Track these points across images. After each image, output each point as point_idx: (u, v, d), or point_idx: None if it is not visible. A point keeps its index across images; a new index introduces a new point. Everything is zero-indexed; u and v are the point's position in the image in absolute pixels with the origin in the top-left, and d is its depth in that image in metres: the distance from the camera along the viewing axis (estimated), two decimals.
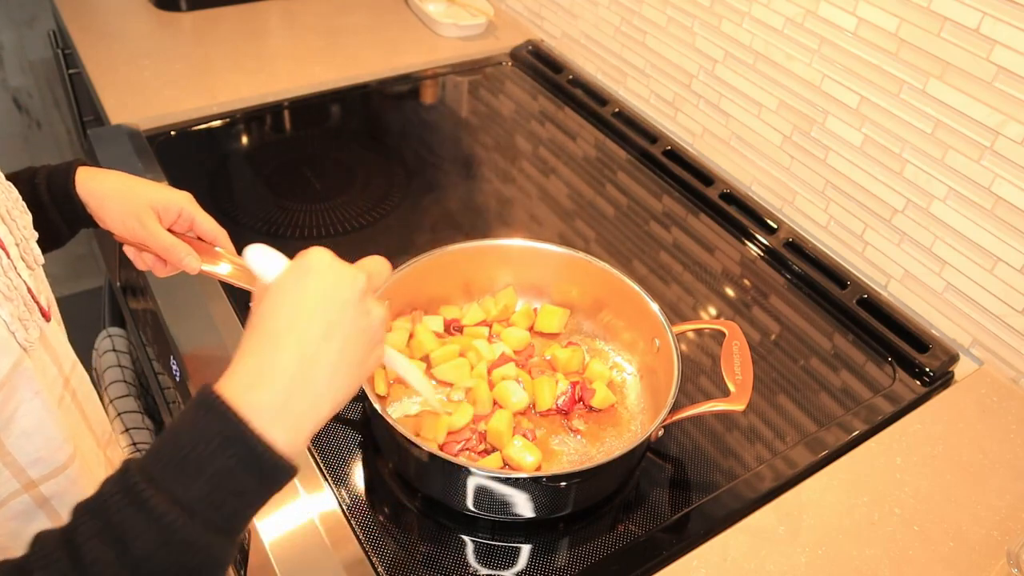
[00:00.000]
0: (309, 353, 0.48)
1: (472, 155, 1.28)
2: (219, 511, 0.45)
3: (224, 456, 0.45)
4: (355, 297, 0.51)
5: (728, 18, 1.16)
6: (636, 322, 0.85)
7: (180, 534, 0.43)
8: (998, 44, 0.85)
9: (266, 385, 0.47)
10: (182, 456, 0.45)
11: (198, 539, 0.44)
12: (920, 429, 0.88)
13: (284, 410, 0.47)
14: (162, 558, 0.43)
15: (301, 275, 0.51)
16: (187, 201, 0.76)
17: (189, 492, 0.44)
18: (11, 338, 0.56)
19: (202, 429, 0.45)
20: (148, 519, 0.43)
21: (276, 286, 0.51)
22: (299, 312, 0.49)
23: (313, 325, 0.49)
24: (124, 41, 1.41)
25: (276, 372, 0.48)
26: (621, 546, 0.75)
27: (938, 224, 0.97)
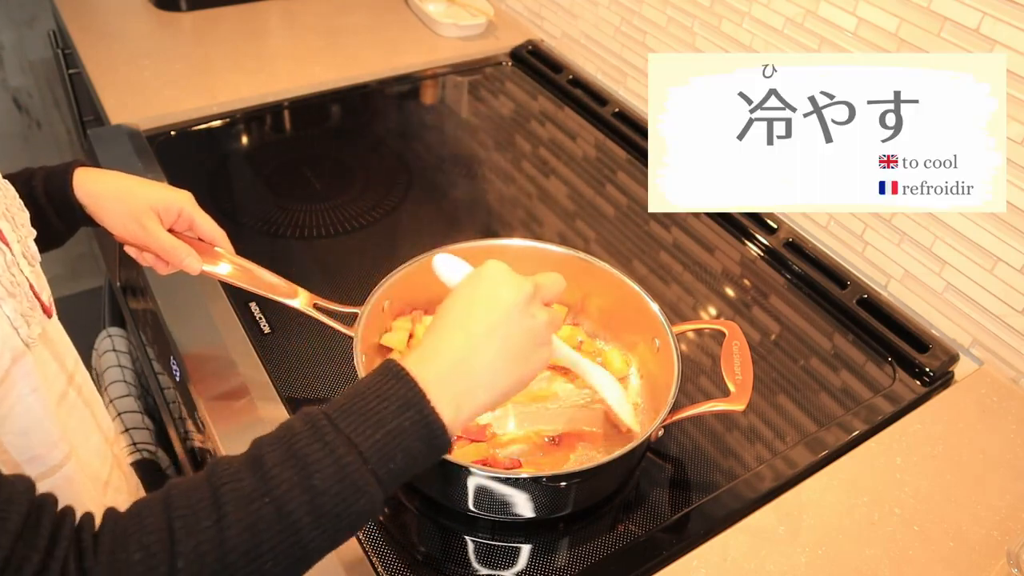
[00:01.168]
0: (472, 345, 0.55)
1: (472, 155, 1.28)
2: (387, 464, 0.50)
3: (402, 417, 0.50)
4: (520, 301, 0.57)
5: (728, 18, 1.16)
6: (636, 322, 0.85)
7: (354, 476, 0.48)
8: (998, 44, 0.85)
9: (435, 364, 0.54)
10: (367, 409, 0.50)
11: (367, 484, 0.49)
12: (920, 429, 0.88)
13: (449, 388, 0.53)
14: (335, 493, 0.48)
15: (475, 280, 0.59)
16: (187, 201, 0.76)
17: (367, 441, 0.49)
18: (14, 334, 0.56)
19: (387, 391, 0.51)
20: (331, 455, 0.48)
21: (456, 289, 0.59)
22: (469, 311, 0.56)
23: (478, 322, 0.56)
24: (124, 41, 1.41)
25: (445, 355, 0.54)
26: (621, 546, 0.75)
27: (938, 224, 0.97)
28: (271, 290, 0.79)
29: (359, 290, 0.88)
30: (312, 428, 0.49)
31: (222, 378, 0.86)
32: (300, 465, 0.48)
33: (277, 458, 0.48)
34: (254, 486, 0.47)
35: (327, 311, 0.80)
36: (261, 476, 0.47)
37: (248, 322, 0.92)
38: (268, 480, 0.47)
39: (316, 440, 0.49)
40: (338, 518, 0.48)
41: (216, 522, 0.46)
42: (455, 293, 0.59)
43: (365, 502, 0.49)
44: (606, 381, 0.77)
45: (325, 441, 0.49)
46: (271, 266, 0.80)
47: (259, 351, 0.89)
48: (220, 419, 0.82)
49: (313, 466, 0.48)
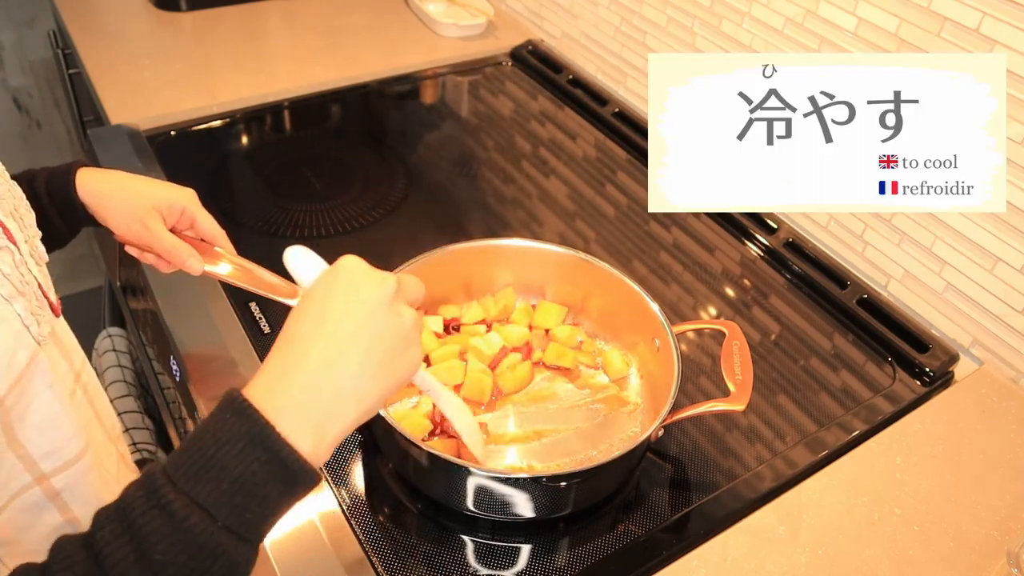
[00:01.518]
0: (334, 351, 0.48)
1: (472, 155, 1.28)
2: (241, 516, 0.44)
3: (249, 459, 0.44)
4: (385, 298, 0.51)
5: (728, 18, 1.16)
6: (636, 322, 0.85)
7: (201, 538, 0.43)
8: (998, 44, 0.85)
9: (290, 386, 0.47)
10: (207, 458, 0.44)
11: (219, 544, 0.44)
12: (920, 429, 0.88)
13: (307, 411, 0.47)
14: (183, 563, 0.43)
15: (330, 279, 0.52)
16: (189, 199, 0.76)
17: (212, 495, 0.44)
18: (26, 332, 0.56)
19: (227, 431, 0.45)
20: (170, 522, 0.43)
21: (307, 292, 0.52)
22: (326, 313, 0.50)
23: (339, 324, 0.49)
24: (124, 41, 1.41)
25: (300, 371, 0.47)
26: (621, 546, 0.75)
27: (938, 224, 0.97)
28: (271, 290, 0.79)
29: None
30: (147, 493, 0.44)
31: (222, 378, 0.86)
32: (136, 540, 0.43)
33: (111, 534, 0.43)
34: (88, 570, 0.42)
35: None
36: (95, 559, 0.43)
37: (248, 322, 0.92)
38: (103, 563, 0.42)
39: (152, 507, 0.43)
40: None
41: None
42: (310, 293, 0.52)
43: (223, 563, 0.44)
44: (456, 409, 0.72)
45: (161, 506, 0.43)
46: (271, 266, 0.80)
47: (259, 351, 0.89)
48: None
49: (151, 538, 0.42)
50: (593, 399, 0.84)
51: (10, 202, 0.61)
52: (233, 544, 0.44)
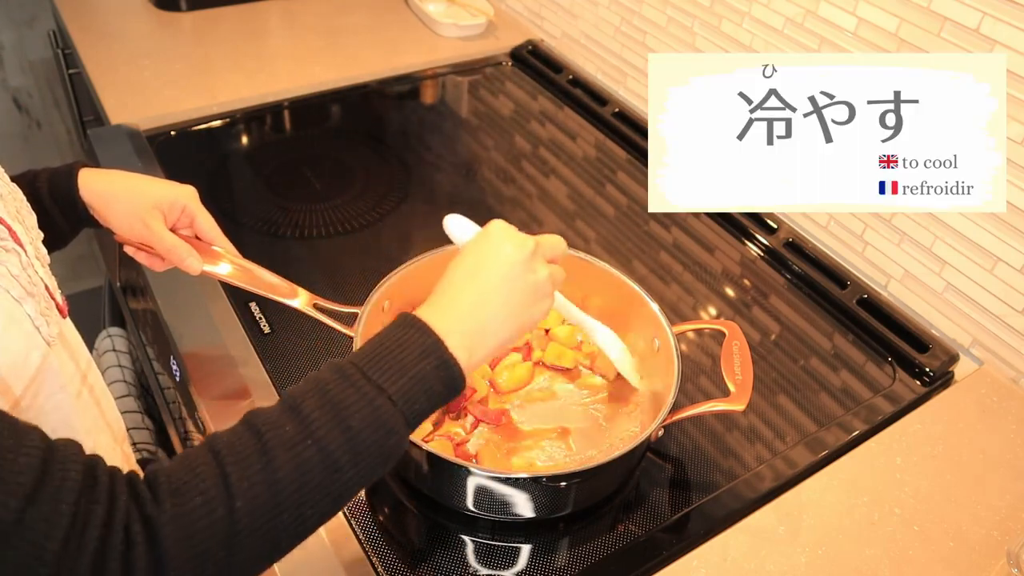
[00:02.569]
0: (480, 296, 0.60)
1: (472, 155, 1.28)
2: (412, 406, 0.54)
3: (424, 362, 0.55)
4: (522, 257, 0.61)
5: (728, 18, 1.16)
6: (636, 322, 0.85)
7: (385, 417, 0.52)
8: (998, 44, 0.85)
9: (451, 316, 0.58)
10: (390, 358, 0.54)
11: (397, 425, 0.53)
12: (920, 429, 0.88)
13: (462, 337, 0.57)
14: (370, 434, 0.52)
15: (482, 238, 0.63)
16: (190, 197, 0.76)
17: (394, 386, 0.53)
18: (36, 333, 0.57)
19: (407, 340, 0.55)
20: (363, 399, 0.52)
21: (465, 247, 0.64)
22: (477, 266, 0.61)
23: (487, 276, 0.60)
24: (124, 41, 1.41)
25: (457, 308, 0.59)
26: (621, 546, 0.75)
27: (938, 224, 0.97)
28: (271, 290, 0.79)
29: (359, 290, 0.88)
30: (342, 376, 0.53)
31: (222, 378, 0.86)
32: (336, 409, 0.51)
33: (314, 404, 0.52)
34: (296, 430, 0.50)
35: (327, 311, 0.80)
36: (301, 421, 0.51)
37: (248, 322, 0.92)
38: (308, 424, 0.51)
39: (348, 386, 0.52)
40: (373, 456, 0.52)
41: (266, 465, 0.49)
42: (465, 250, 0.63)
43: (395, 441, 0.53)
44: (609, 339, 0.81)
45: (357, 387, 0.52)
46: (271, 266, 0.80)
47: (259, 351, 0.89)
48: (220, 419, 0.82)
49: (349, 409, 0.52)
50: (593, 399, 0.84)
51: (12, 204, 0.61)
52: (404, 426, 0.54)
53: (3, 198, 0.59)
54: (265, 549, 0.50)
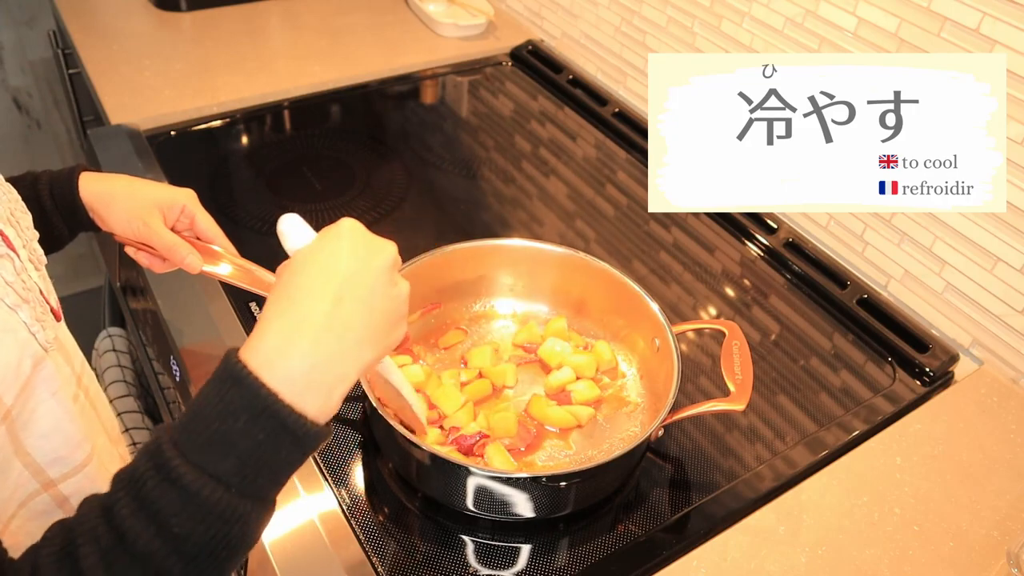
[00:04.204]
0: (343, 315, 0.48)
1: (472, 155, 1.28)
2: (254, 482, 0.45)
3: (255, 431, 0.44)
4: (387, 265, 0.51)
5: (728, 18, 1.16)
6: (636, 322, 0.85)
7: (217, 508, 0.44)
8: (998, 44, 0.85)
9: (295, 351, 0.46)
10: (212, 431, 0.44)
11: (235, 510, 0.44)
12: (920, 429, 0.88)
13: (313, 375, 0.46)
14: (201, 533, 0.44)
15: (334, 238, 0.51)
16: (189, 198, 0.77)
17: (221, 466, 0.44)
18: (32, 339, 0.56)
19: (230, 403, 0.45)
20: (184, 496, 0.43)
21: (307, 250, 0.51)
22: (332, 272, 0.49)
23: (346, 287, 0.49)
24: (124, 41, 1.41)
25: (306, 333, 0.47)
26: (621, 546, 0.75)
27: (938, 224, 0.97)
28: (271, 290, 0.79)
29: None
30: (156, 465, 0.44)
31: None
32: (152, 515, 0.43)
33: (128, 510, 0.44)
34: (112, 543, 0.43)
35: None
36: (117, 533, 0.43)
37: (248, 322, 0.92)
38: (124, 536, 0.43)
39: (163, 481, 0.44)
40: (213, 554, 0.44)
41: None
42: (310, 255, 0.51)
43: (241, 526, 0.45)
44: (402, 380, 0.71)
45: (172, 480, 0.44)
46: (271, 266, 0.80)
47: None
48: None
49: (166, 511, 0.43)
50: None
51: (6, 207, 0.60)
52: (248, 507, 0.45)
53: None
54: None
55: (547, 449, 0.79)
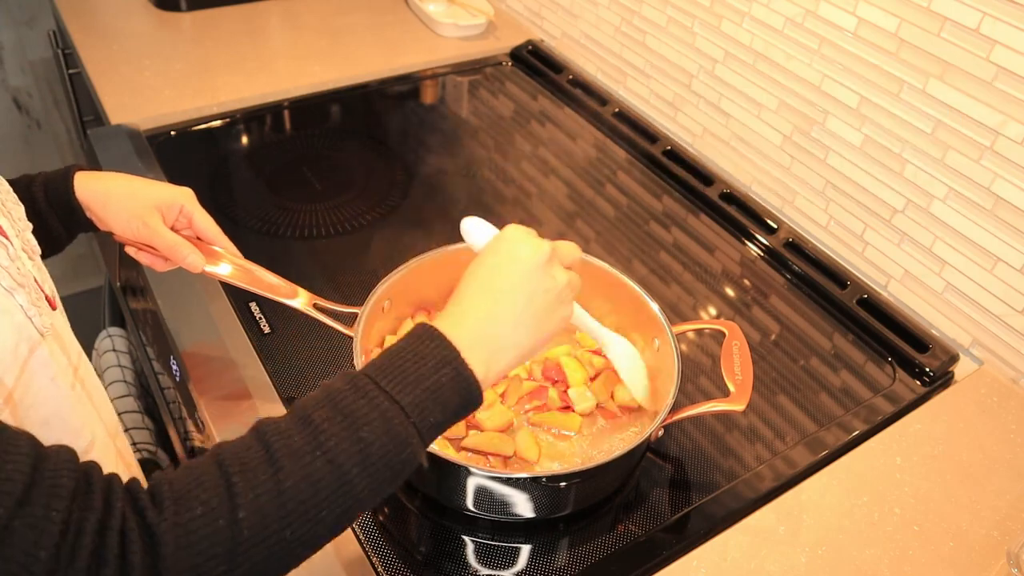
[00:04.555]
0: (497, 304, 0.58)
1: (472, 155, 1.28)
2: (426, 418, 0.53)
3: (439, 373, 0.54)
4: (539, 261, 0.59)
5: (728, 18, 1.16)
6: (636, 322, 0.85)
7: (398, 428, 0.51)
8: (998, 44, 0.85)
9: (465, 328, 0.56)
10: (405, 369, 0.53)
11: (410, 436, 0.52)
12: (920, 429, 0.88)
13: (478, 349, 0.56)
14: (382, 444, 0.51)
15: (497, 243, 0.61)
16: (187, 198, 0.77)
17: (407, 397, 0.52)
18: (29, 324, 0.56)
19: (423, 351, 0.54)
20: (376, 410, 0.51)
21: (480, 252, 0.62)
22: (493, 272, 0.60)
23: (501, 283, 0.59)
24: (124, 41, 1.41)
25: (472, 319, 0.57)
26: (621, 546, 0.75)
27: (938, 224, 0.97)
28: (271, 290, 0.79)
29: (359, 290, 0.88)
30: (355, 387, 0.52)
31: (222, 378, 0.86)
32: (348, 420, 0.50)
33: (325, 414, 0.51)
34: (306, 440, 0.49)
35: (327, 311, 0.80)
36: (311, 432, 0.50)
37: (248, 322, 0.92)
38: (319, 435, 0.50)
39: (360, 397, 0.51)
40: (385, 468, 0.51)
41: (273, 475, 0.48)
42: (480, 256, 0.62)
43: (409, 453, 0.52)
44: (623, 353, 0.79)
45: (369, 397, 0.51)
46: (271, 266, 0.80)
47: (259, 351, 0.89)
48: (220, 419, 0.82)
49: (360, 420, 0.51)
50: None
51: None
52: (417, 439, 0.53)
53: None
54: (269, 563, 0.48)
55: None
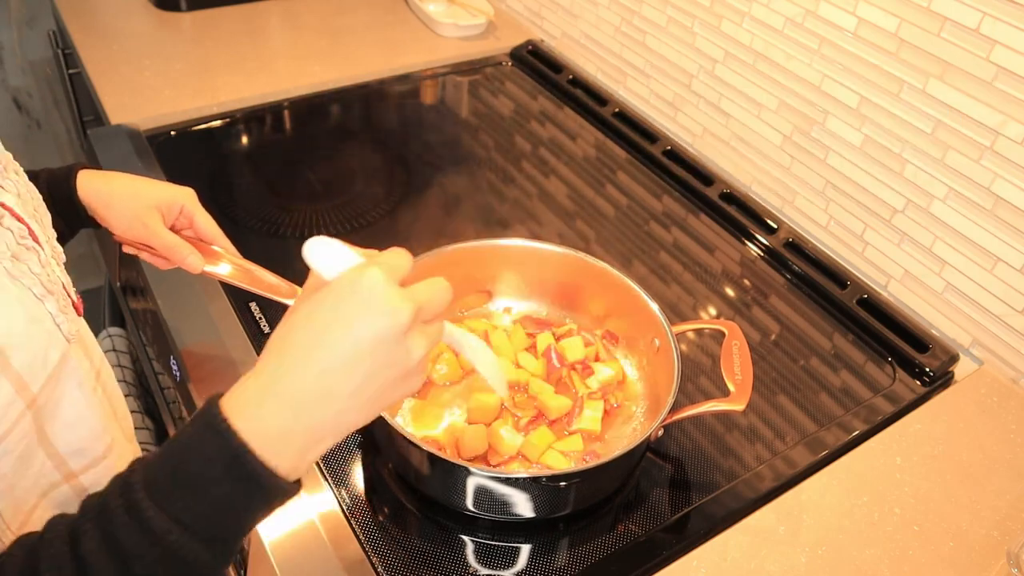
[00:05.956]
0: (327, 384, 0.46)
1: (472, 155, 1.28)
2: (218, 528, 0.46)
3: (226, 482, 0.45)
4: (395, 332, 0.46)
5: (728, 18, 1.16)
6: (636, 322, 0.85)
7: (180, 553, 0.44)
8: (998, 44, 0.85)
9: (276, 407, 0.46)
10: (185, 475, 0.45)
11: (198, 556, 0.45)
12: (920, 429, 0.88)
13: (290, 437, 0.46)
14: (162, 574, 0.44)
15: (344, 295, 0.46)
16: (188, 198, 0.77)
17: (190, 512, 0.45)
18: (58, 331, 0.57)
19: (206, 451, 0.45)
20: (149, 538, 0.44)
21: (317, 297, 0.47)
22: (330, 329, 0.46)
23: (339, 348, 0.45)
24: (124, 41, 1.41)
25: (289, 391, 0.46)
26: (621, 546, 0.75)
27: (938, 224, 0.97)
28: (271, 290, 0.79)
29: None
30: (126, 504, 0.44)
31: (222, 378, 0.86)
32: (117, 553, 0.44)
33: (94, 544, 0.44)
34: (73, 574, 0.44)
35: None
36: (81, 565, 0.44)
37: (248, 322, 0.92)
38: (87, 570, 0.44)
39: (131, 520, 0.44)
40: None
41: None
42: (319, 299, 0.47)
43: (200, 570, 0.45)
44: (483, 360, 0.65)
45: (141, 521, 0.44)
46: (271, 266, 0.80)
47: (259, 351, 0.88)
48: None
49: (131, 552, 0.44)
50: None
51: (30, 203, 0.61)
52: (209, 554, 0.45)
53: (21, 197, 0.59)
54: None
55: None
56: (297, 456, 0.46)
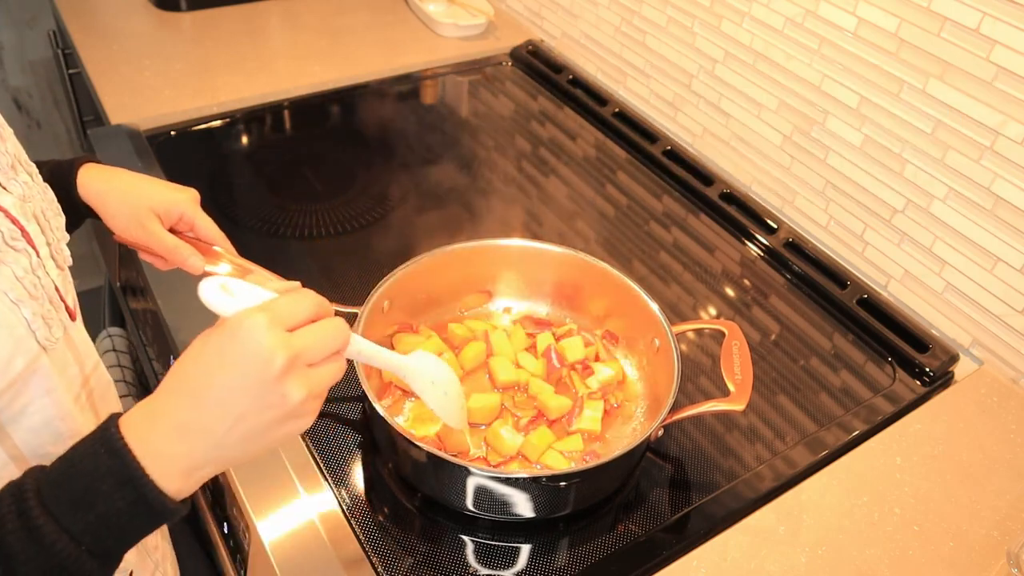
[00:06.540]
0: (204, 420, 0.49)
1: (472, 155, 1.28)
2: (104, 542, 0.48)
3: (116, 497, 0.47)
4: (266, 378, 0.48)
5: (728, 18, 1.16)
6: (636, 322, 0.85)
7: (66, 563, 0.46)
8: (998, 44, 0.85)
9: (163, 433, 0.49)
10: (77, 489, 0.47)
11: (82, 567, 0.47)
12: (920, 429, 0.88)
13: (177, 460, 0.49)
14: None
15: (226, 337, 0.49)
16: (188, 204, 0.76)
17: (78, 524, 0.47)
18: (30, 337, 0.56)
19: (100, 467, 0.47)
20: (37, 546, 0.46)
21: (210, 335, 0.50)
22: (208, 375, 0.49)
23: (213, 393, 0.49)
24: (124, 41, 1.41)
25: (174, 424, 0.49)
26: (621, 546, 0.75)
27: (938, 224, 0.97)
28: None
29: (359, 290, 0.88)
30: (19, 512, 0.46)
31: None
32: (3, 556, 0.46)
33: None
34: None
35: None
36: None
37: None
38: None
39: (22, 527, 0.46)
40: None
41: None
42: (207, 337, 0.50)
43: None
44: (420, 379, 0.68)
45: (30, 529, 0.46)
46: (271, 266, 0.80)
47: None
48: None
49: (17, 558, 0.46)
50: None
51: (38, 204, 0.60)
52: (95, 565, 0.48)
53: (27, 199, 0.58)
54: None
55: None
56: (182, 478, 0.49)
